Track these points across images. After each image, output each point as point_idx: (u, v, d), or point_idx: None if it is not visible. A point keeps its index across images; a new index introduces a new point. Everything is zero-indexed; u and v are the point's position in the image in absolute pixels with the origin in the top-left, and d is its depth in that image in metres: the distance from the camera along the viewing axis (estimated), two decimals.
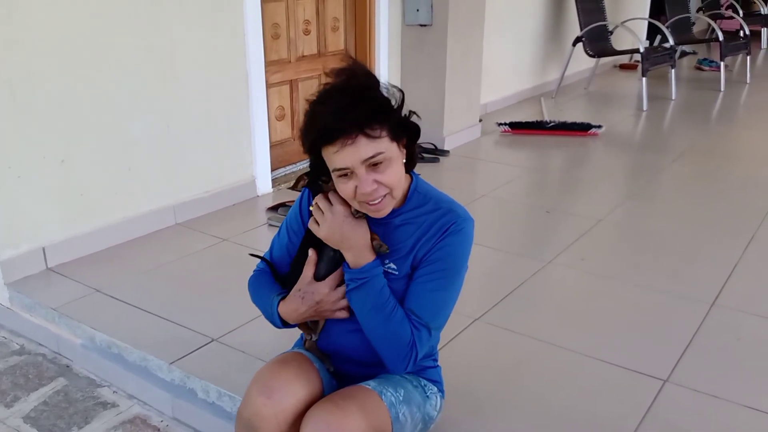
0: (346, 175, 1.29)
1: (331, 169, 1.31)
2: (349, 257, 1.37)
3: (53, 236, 2.65)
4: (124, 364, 2.15)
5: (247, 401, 1.37)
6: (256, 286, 1.56)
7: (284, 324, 1.48)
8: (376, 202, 1.32)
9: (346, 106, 1.25)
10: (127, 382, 2.14)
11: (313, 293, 1.40)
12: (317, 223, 1.38)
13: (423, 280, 1.38)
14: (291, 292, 1.44)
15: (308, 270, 1.43)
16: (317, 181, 1.41)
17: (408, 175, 1.43)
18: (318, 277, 1.42)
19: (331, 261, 1.42)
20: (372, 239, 1.38)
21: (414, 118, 1.37)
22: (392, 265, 1.41)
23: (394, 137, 1.31)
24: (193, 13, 2.97)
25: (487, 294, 2.48)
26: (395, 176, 1.32)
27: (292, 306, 1.43)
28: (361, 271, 1.36)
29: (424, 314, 1.38)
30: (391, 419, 1.38)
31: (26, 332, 2.45)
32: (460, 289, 1.43)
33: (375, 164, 1.28)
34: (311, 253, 1.43)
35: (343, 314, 1.42)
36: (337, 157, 1.26)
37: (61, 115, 2.58)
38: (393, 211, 1.40)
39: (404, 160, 1.37)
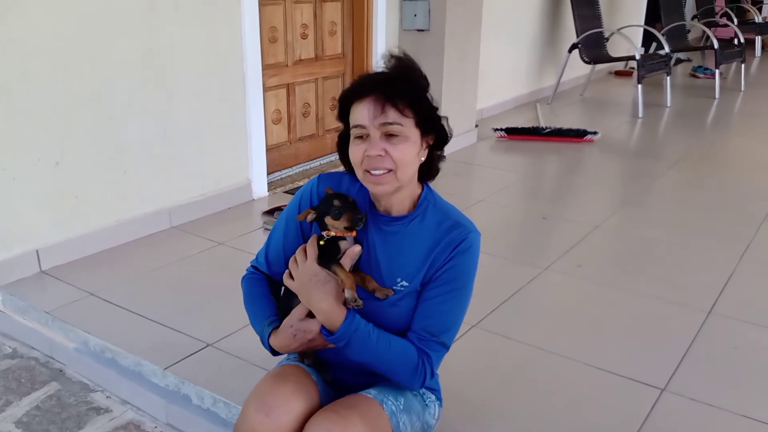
0: (361, 137, 1.32)
1: (351, 126, 1.33)
2: (320, 318, 1.35)
3: (47, 239, 2.63)
4: (118, 368, 2.13)
5: (244, 418, 1.35)
6: (250, 294, 1.54)
7: (274, 353, 1.47)
8: (379, 173, 1.32)
9: (389, 77, 1.33)
10: (120, 387, 2.12)
11: (305, 331, 1.38)
12: (290, 276, 1.39)
13: (436, 301, 1.37)
14: (282, 327, 1.42)
15: (300, 309, 1.40)
16: (322, 218, 1.39)
17: (420, 184, 1.44)
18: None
19: None
20: (345, 288, 1.34)
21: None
22: (404, 283, 1.39)
23: (420, 125, 1.33)
24: (190, 16, 2.96)
25: (484, 300, 2.47)
26: (406, 155, 1.32)
27: (284, 342, 1.41)
28: (337, 337, 1.33)
29: (439, 332, 1.38)
30: (392, 428, 1.37)
31: (19, 335, 2.42)
32: (469, 301, 1.43)
33: (390, 135, 1.30)
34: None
35: (334, 345, 1.40)
36: (360, 112, 1.30)
37: (56, 116, 2.56)
38: (403, 217, 1.40)
39: (422, 158, 1.38)
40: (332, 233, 1.37)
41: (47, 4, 2.45)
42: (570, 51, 5.98)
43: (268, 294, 1.52)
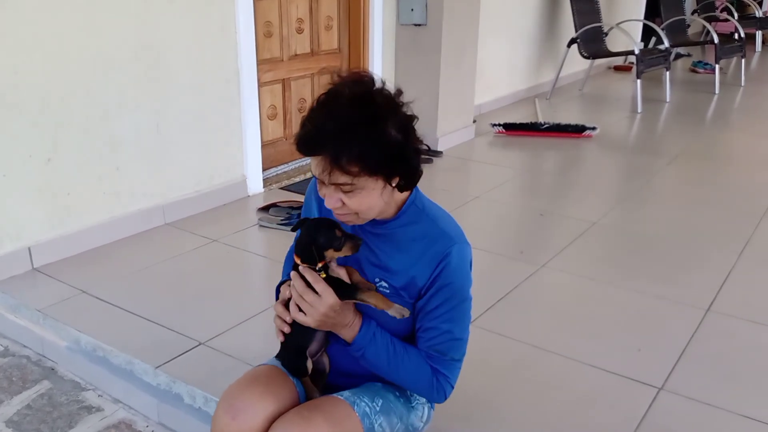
0: (321, 179, 1.23)
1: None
2: (345, 335, 1.35)
3: (39, 236, 2.61)
4: (110, 367, 2.11)
5: (215, 420, 1.35)
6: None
7: None
8: (342, 216, 1.29)
9: (335, 131, 1.16)
10: (112, 385, 2.10)
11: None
12: (302, 311, 1.31)
13: (438, 321, 1.35)
14: None
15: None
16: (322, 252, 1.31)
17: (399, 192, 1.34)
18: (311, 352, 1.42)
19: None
20: (385, 309, 1.34)
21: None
22: (384, 284, 1.36)
23: (377, 173, 1.21)
24: (183, 10, 2.93)
25: (480, 298, 2.42)
26: (363, 205, 1.24)
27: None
28: (354, 346, 1.35)
29: (447, 351, 1.37)
30: (363, 429, 1.34)
31: (10, 334, 2.40)
32: (470, 312, 1.41)
33: (344, 190, 1.22)
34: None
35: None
36: (312, 162, 1.23)
37: (48, 113, 2.53)
38: (386, 221, 1.35)
39: (392, 191, 1.27)
40: (324, 262, 1.32)
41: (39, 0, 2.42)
42: (569, 46, 5.95)
43: None
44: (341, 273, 1.33)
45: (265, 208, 3.19)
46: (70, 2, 2.52)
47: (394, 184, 1.26)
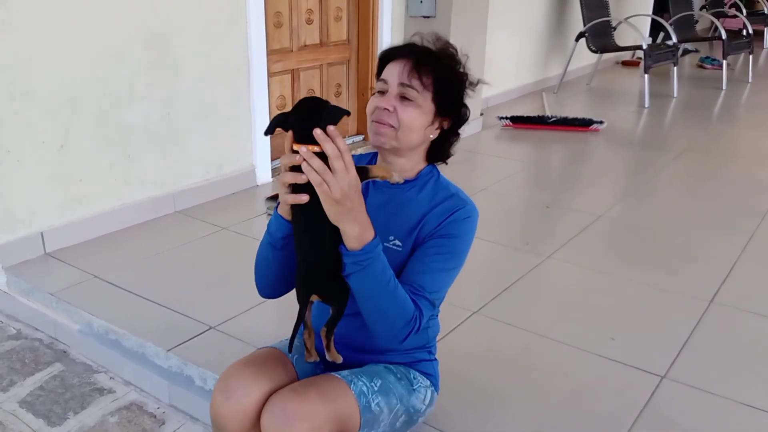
0: (381, 92, 1.38)
1: (378, 80, 1.41)
2: (353, 231, 1.22)
3: (52, 221, 2.64)
4: (121, 350, 2.15)
5: (212, 401, 1.38)
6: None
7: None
8: (382, 124, 1.37)
9: (428, 50, 1.39)
10: (123, 368, 2.13)
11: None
12: (325, 181, 1.16)
13: (431, 259, 1.37)
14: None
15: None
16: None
17: (426, 162, 1.48)
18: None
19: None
20: (390, 176, 1.35)
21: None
22: (397, 242, 1.40)
23: (437, 101, 1.37)
24: (194, 0, 2.95)
25: (485, 287, 2.48)
26: (411, 120, 1.36)
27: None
28: (364, 252, 1.23)
29: (429, 288, 1.36)
30: (359, 407, 1.35)
31: (23, 317, 2.44)
32: (458, 271, 1.42)
33: (404, 97, 1.35)
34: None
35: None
36: (389, 69, 1.38)
37: (61, 100, 2.56)
38: (403, 183, 1.44)
39: (432, 136, 1.42)
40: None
41: None
42: (577, 40, 5.95)
43: None
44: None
45: (274, 197, 3.22)
46: None
47: (437, 126, 1.41)
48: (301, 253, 1.30)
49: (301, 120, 1.20)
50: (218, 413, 1.36)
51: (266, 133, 1.31)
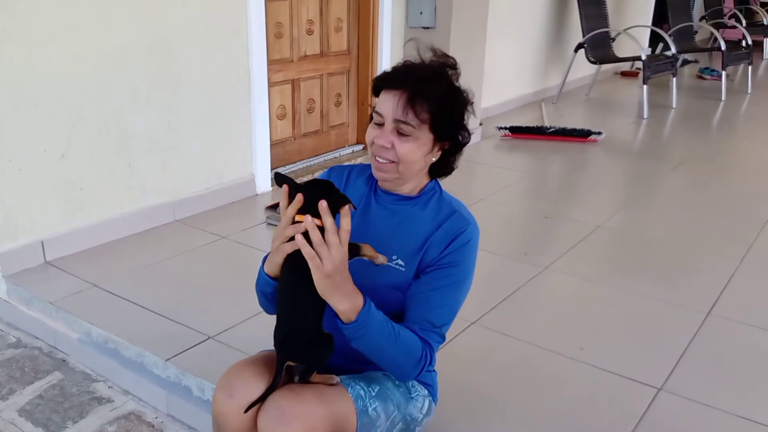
0: (378, 123, 1.38)
1: (374, 109, 1.40)
2: (343, 306, 1.25)
3: (52, 230, 2.65)
4: (120, 359, 2.16)
5: (214, 399, 1.39)
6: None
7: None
8: (383, 161, 1.38)
9: (422, 76, 1.35)
10: (122, 377, 2.14)
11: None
12: (318, 254, 1.20)
13: (440, 293, 1.39)
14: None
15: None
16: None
17: (429, 177, 1.49)
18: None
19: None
20: (376, 258, 1.32)
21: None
22: (400, 262, 1.42)
23: (435, 130, 1.37)
24: (196, 9, 2.97)
25: (484, 298, 2.48)
26: (410, 154, 1.36)
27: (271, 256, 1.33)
28: (359, 323, 1.27)
29: (439, 322, 1.39)
30: (356, 411, 1.37)
31: (23, 325, 2.45)
32: (467, 292, 1.45)
33: (400, 132, 1.35)
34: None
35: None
36: (384, 101, 1.37)
37: (62, 108, 2.58)
38: (407, 198, 1.45)
39: (434, 159, 1.43)
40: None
41: None
42: (576, 51, 5.98)
43: None
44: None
45: (273, 207, 3.23)
46: (85, 0, 2.56)
47: (438, 149, 1.41)
48: (283, 315, 1.34)
49: (313, 191, 1.25)
50: (219, 411, 1.37)
51: (276, 181, 1.35)
